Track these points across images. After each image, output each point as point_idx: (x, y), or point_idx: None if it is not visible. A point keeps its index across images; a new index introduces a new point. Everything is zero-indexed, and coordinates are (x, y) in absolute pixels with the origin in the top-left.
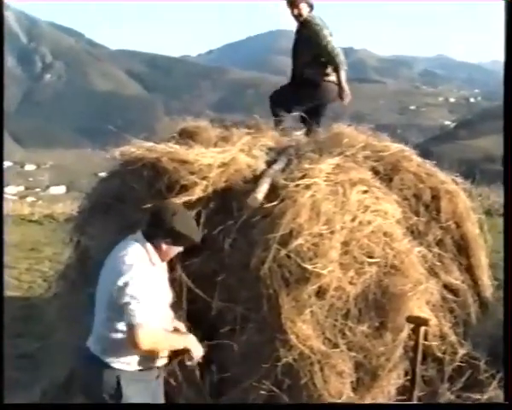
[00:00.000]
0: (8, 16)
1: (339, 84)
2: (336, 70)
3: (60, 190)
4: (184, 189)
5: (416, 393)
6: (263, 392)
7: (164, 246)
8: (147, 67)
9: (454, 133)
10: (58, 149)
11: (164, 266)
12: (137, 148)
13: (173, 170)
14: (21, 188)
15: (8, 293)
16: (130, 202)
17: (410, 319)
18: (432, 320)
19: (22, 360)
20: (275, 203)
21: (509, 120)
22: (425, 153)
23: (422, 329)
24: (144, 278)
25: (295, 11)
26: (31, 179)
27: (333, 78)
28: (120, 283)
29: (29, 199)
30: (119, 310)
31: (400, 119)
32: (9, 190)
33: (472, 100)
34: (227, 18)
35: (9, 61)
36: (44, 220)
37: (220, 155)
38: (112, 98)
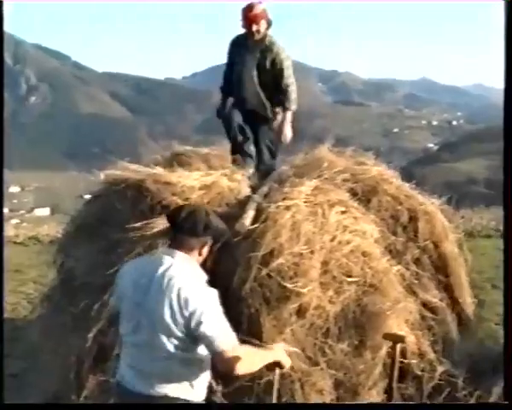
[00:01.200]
0: None
1: (281, 122)
2: (285, 108)
3: (44, 212)
4: (167, 209)
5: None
6: None
7: (204, 250)
8: (132, 90)
9: (437, 156)
10: (43, 171)
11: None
12: (122, 170)
13: (156, 191)
14: (5, 210)
15: None
16: (113, 223)
17: (386, 337)
18: (410, 338)
19: (8, 380)
20: (256, 226)
21: (509, 126)
22: (408, 175)
23: (399, 346)
24: (212, 296)
25: (254, 27)
26: (15, 201)
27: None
28: (193, 311)
29: (13, 221)
30: (187, 340)
31: (384, 141)
32: None
33: (455, 123)
34: (211, 40)
35: None
36: (29, 242)
37: (202, 178)
38: (97, 121)
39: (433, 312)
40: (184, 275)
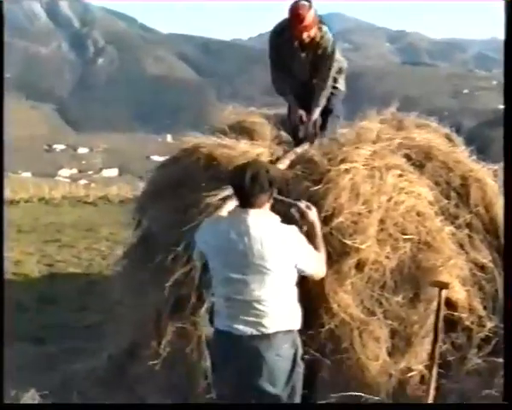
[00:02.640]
0: (61, 2)
1: (308, 120)
2: (315, 103)
3: (112, 172)
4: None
5: (438, 347)
6: (306, 356)
7: (271, 198)
8: (199, 51)
9: None
10: (111, 132)
11: None
12: (195, 138)
13: (225, 160)
14: (75, 171)
15: (70, 270)
16: (188, 186)
17: (433, 284)
18: (461, 294)
19: (87, 331)
20: (319, 187)
21: (510, 121)
22: (477, 137)
23: (444, 292)
24: (296, 233)
25: (305, 35)
26: (84, 162)
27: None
28: (293, 256)
29: (82, 182)
30: (291, 277)
31: (453, 102)
32: (63, 173)
33: None
34: (278, 1)
35: (63, 45)
36: (99, 202)
37: (265, 149)
38: (164, 82)
39: (484, 271)
40: (273, 229)
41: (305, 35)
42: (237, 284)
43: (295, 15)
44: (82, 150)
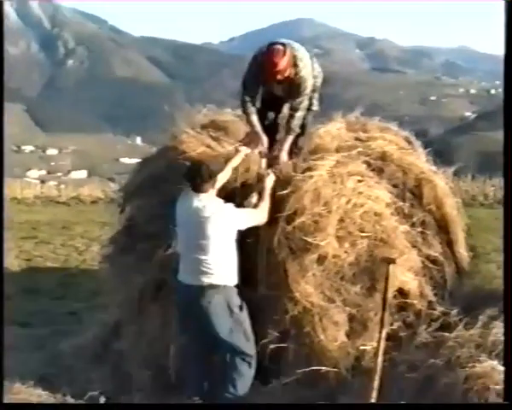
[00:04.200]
0: (32, 2)
1: (282, 144)
2: (288, 129)
3: (81, 174)
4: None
5: (387, 317)
6: (272, 346)
7: (215, 184)
8: (169, 54)
9: (474, 125)
10: (80, 134)
11: None
12: (181, 133)
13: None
14: (43, 172)
15: (47, 264)
16: (173, 182)
17: (381, 259)
18: (413, 283)
19: (66, 317)
20: (285, 192)
21: (510, 118)
22: (444, 144)
23: (391, 266)
24: (231, 207)
25: (279, 76)
26: (53, 164)
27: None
28: (234, 221)
29: (51, 183)
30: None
31: (420, 109)
32: (31, 174)
33: (493, 92)
34: (249, 6)
35: (33, 46)
36: (71, 202)
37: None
38: (133, 85)
39: (435, 263)
40: (217, 207)
41: (278, 76)
42: (192, 247)
43: (268, 62)
44: (51, 152)
